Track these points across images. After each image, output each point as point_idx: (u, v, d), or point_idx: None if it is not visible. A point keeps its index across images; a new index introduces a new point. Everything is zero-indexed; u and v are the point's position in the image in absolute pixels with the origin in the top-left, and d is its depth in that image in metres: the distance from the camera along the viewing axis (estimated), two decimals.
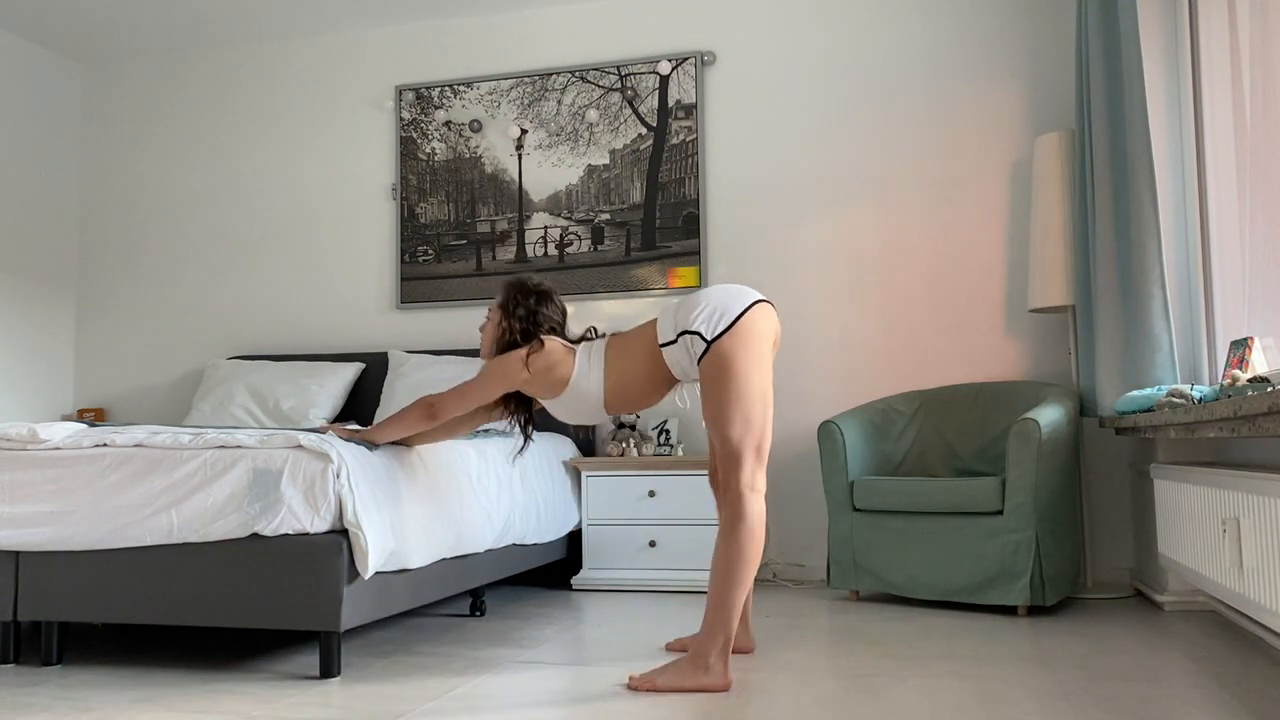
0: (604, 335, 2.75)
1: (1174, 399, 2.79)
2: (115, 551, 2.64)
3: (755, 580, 4.16)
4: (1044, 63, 4.19)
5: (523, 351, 2.67)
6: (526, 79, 4.74)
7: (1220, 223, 3.41)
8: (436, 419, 2.76)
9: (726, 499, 2.46)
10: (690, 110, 4.52)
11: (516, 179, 4.73)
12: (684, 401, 2.94)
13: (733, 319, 2.49)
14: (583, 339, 2.76)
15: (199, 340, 5.09)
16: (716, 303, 2.53)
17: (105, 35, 5.03)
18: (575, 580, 4.01)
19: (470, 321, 4.71)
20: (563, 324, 2.79)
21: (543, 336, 2.70)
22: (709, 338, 2.49)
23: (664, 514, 3.92)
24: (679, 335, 2.55)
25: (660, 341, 2.59)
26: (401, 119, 4.88)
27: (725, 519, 2.45)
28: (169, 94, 5.26)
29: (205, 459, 2.61)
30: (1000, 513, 3.34)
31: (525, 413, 2.86)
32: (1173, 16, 3.68)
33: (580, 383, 2.66)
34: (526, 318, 2.73)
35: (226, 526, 2.57)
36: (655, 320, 2.65)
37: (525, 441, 2.92)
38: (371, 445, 2.77)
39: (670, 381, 2.68)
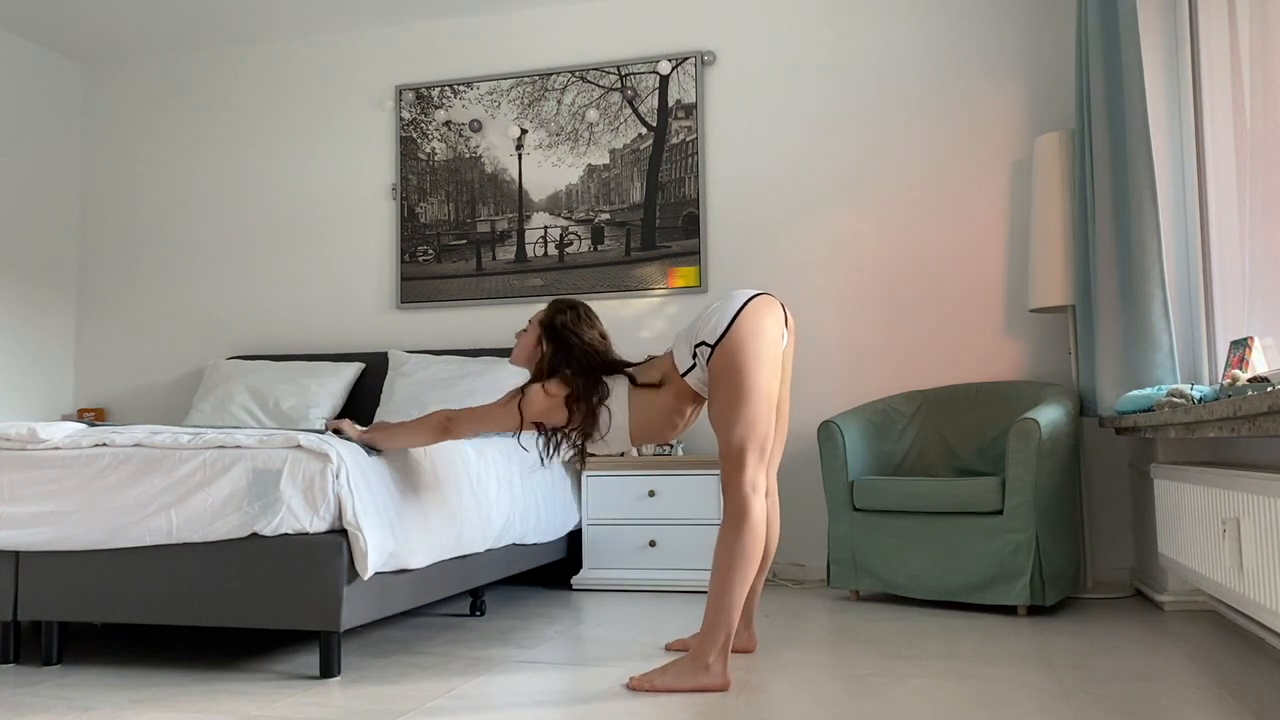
0: (629, 369, 2.76)
1: (1174, 399, 2.79)
2: (115, 551, 2.64)
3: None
4: (1044, 63, 4.19)
5: (540, 389, 2.70)
6: (526, 79, 4.74)
7: (1220, 223, 3.40)
8: (449, 436, 2.78)
9: (728, 497, 2.48)
10: (690, 110, 4.52)
11: (516, 179, 4.73)
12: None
13: (731, 318, 2.54)
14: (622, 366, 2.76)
15: (199, 340, 5.09)
16: (716, 309, 2.60)
17: (105, 35, 5.03)
18: (575, 580, 4.01)
19: (470, 321, 4.71)
20: (601, 351, 2.76)
21: (547, 384, 2.70)
22: (713, 342, 2.54)
23: (664, 514, 3.92)
24: (695, 351, 2.59)
25: (681, 372, 2.64)
26: (401, 119, 4.88)
27: (726, 518, 2.46)
28: (169, 94, 5.25)
29: (204, 459, 2.61)
30: (1000, 513, 3.34)
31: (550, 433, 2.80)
32: (1173, 16, 3.68)
33: (604, 424, 2.70)
34: (561, 346, 2.73)
35: (226, 526, 2.57)
36: (669, 353, 2.69)
37: (544, 460, 2.86)
38: (374, 450, 2.76)
39: (694, 410, 2.76)
